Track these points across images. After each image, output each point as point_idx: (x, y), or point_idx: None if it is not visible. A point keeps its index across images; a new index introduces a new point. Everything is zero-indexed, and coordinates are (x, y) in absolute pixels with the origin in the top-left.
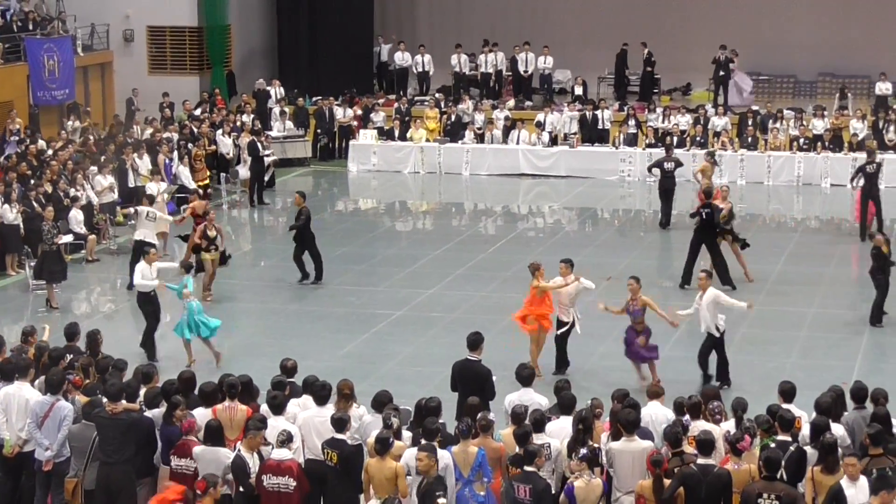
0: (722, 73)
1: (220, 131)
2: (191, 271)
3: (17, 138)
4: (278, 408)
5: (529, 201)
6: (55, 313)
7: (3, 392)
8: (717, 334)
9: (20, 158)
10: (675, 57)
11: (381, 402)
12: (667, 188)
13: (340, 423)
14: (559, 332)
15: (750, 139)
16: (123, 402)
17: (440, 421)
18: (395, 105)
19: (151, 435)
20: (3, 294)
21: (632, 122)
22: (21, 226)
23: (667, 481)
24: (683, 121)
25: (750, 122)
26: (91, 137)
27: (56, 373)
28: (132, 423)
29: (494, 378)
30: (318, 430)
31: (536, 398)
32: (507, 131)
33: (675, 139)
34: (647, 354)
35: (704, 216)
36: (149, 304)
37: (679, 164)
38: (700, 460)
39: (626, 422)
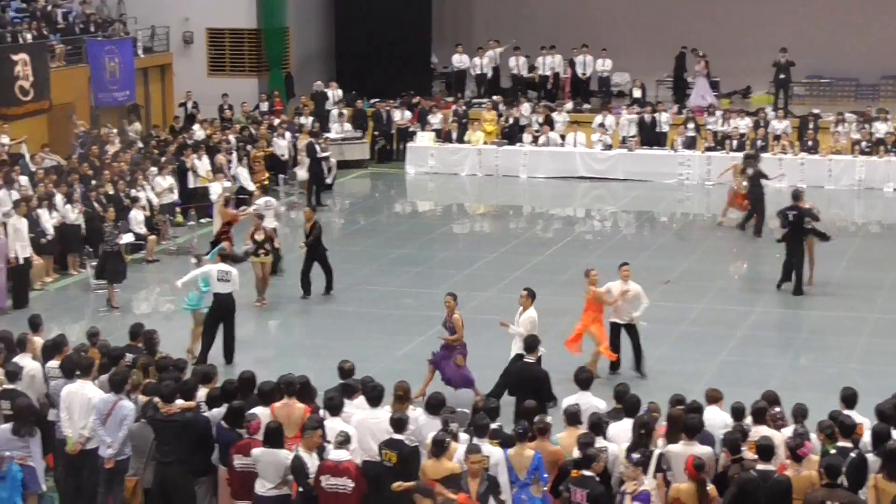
0: (782, 76)
1: (275, 133)
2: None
3: (81, 140)
4: (335, 409)
5: (587, 204)
6: (115, 313)
7: (66, 390)
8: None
9: (81, 159)
10: (735, 60)
11: (436, 405)
12: (756, 196)
13: (400, 423)
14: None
15: (810, 142)
16: (179, 401)
17: (497, 424)
18: (453, 107)
19: (207, 434)
20: (64, 294)
21: (691, 125)
22: (82, 226)
23: (710, 487)
24: (743, 124)
25: (811, 126)
26: (151, 138)
27: (120, 371)
28: (186, 423)
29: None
30: (372, 432)
31: (594, 401)
32: (563, 134)
33: (736, 143)
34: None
35: (792, 218)
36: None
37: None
38: (760, 466)
39: (689, 427)
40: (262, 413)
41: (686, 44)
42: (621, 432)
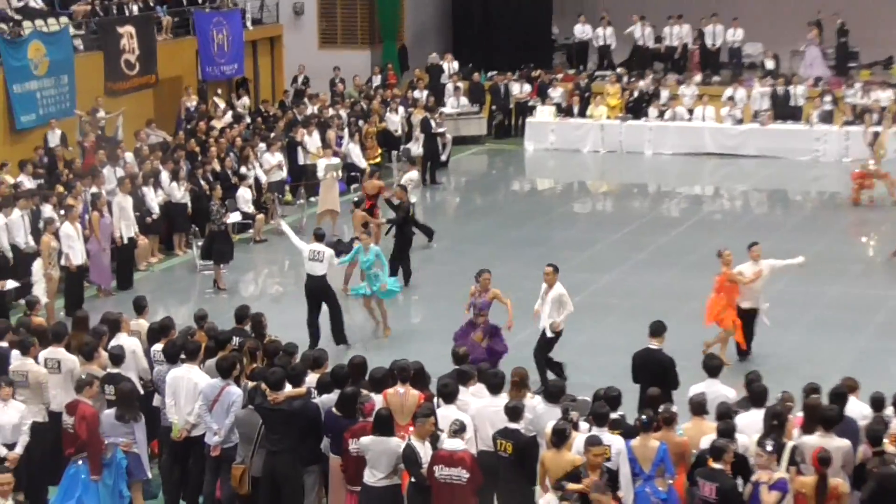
0: None
1: (388, 108)
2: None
3: (188, 115)
4: (450, 396)
5: (715, 182)
6: (222, 295)
7: (172, 375)
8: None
9: (188, 135)
10: (875, 29)
11: (555, 392)
12: None
13: (515, 412)
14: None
15: None
16: (287, 388)
17: (619, 413)
18: (575, 80)
19: (317, 422)
20: (170, 274)
21: (827, 98)
22: (189, 205)
23: (837, 482)
24: (885, 97)
25: None
26: (260, 114)
27: (228, 356)
28: (294, 412)
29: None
30: (492, 421)
31: (723, 390)
32: (692, 109)
33: (876, 116)
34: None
35: None
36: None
37: None
38: None
39: (827, 418)
40: (375, 401)
41: (823, 11)
42: (752, 423)
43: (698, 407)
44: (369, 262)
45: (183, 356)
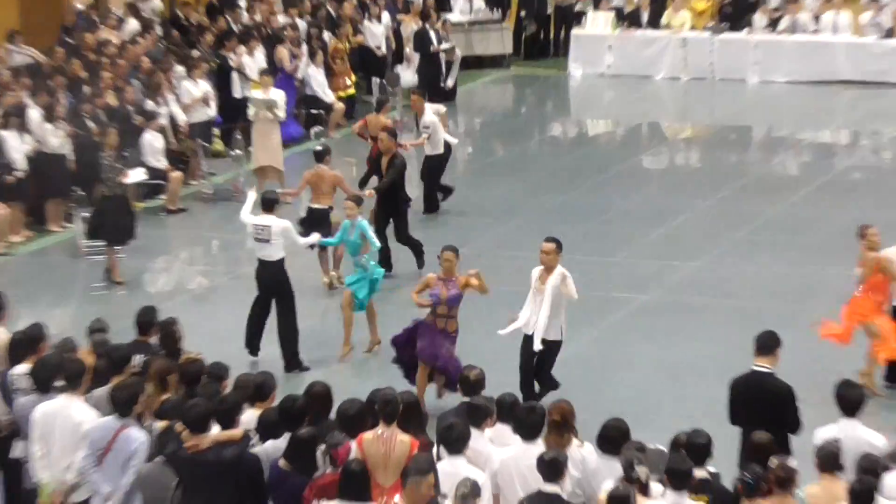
0: None
1: (367, 15)
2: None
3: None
4: (456, 443)
5: (853, 124)
6: (118, 291)
7: (42, 411)
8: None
9: (70, 54)
10: None
11: (615, 437)
12: None
13: (555, 467)
14: None
15: None
16: (214, 430)
17: (710, 469)
18: None
19: (258, 479)
20: (41, 260)
21: None
22: (70, 157)
23: None
24: None
25: None
26: (177, 22)
27: (127, 384)
28: (225, 464)
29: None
30: (523, 480)
31: (866, 436)
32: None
33: None
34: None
35: None
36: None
37: None
38: None
39: None
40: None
41: None
42: None
43: (830, 460)
44: (355, 245)
45: (59, 383)
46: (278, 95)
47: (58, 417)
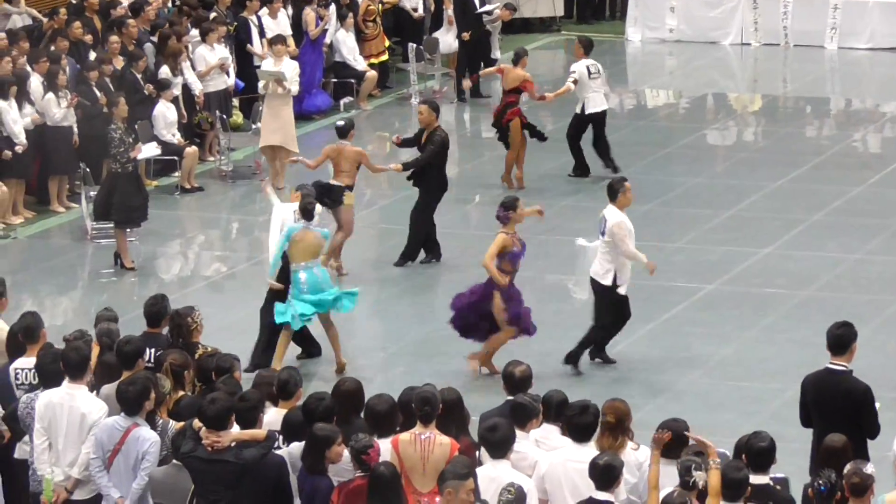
0: None
1: None
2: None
3: None
4: (500, 445)
5: None
6: (128, 277)
7: (44, 401)
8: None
9: (74, 15)
10: None
11: (674, 440)
12: None
13: (609, 473)
14: None
15: None
16: (234, 429)
17: (778, 475)
18: None
19: (283, 483)
20: (44, 244)
21: None
22: (75, 130)
23: None
24: None
25: None
26: None
27: (137, 380)
28: (247, 465)
29: (878, 404)
30: (575, 484)
31: None
32: None
33: None
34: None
35: None
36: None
37: None
38: None
39: None
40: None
41: None
42: None
43: None
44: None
45: (65, 372)
46: (289, 67)
47: (62, 408)
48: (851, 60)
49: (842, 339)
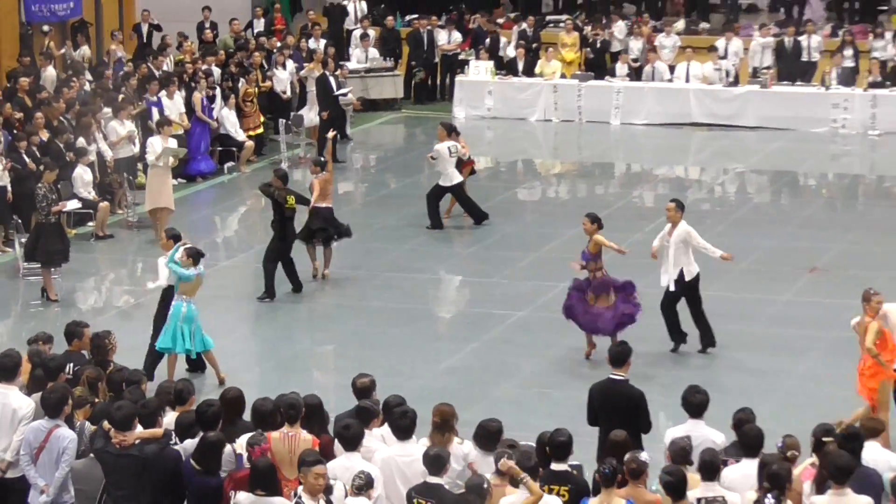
0: None
1: (274, 63)
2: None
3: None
4: (352, 441)
5: (703, 161)
6: (53, 308)
7: None
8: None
9: (6, 98)
10: None
11: (491, 436)
12: None
13: (437, 462)
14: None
15: None
16: (137, 429)
17: (574, 463)
18: (519, 27)
19: (178, 474)
20: None
21: (848, 51)
22: (8, 188)
23: None
24: None
25: None
26: (104, 69)
27: (56, 389)
28: (148, 458)
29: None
30: (403, 473)
31: (709, 433)
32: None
33: None
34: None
35: None
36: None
37: None
38: None
39: (836, 468)
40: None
41: None
42: (741, 477)
43: (680, 455)
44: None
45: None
46: (173, 143)
47: None
48: (631, 133)
49: (621, 354)
